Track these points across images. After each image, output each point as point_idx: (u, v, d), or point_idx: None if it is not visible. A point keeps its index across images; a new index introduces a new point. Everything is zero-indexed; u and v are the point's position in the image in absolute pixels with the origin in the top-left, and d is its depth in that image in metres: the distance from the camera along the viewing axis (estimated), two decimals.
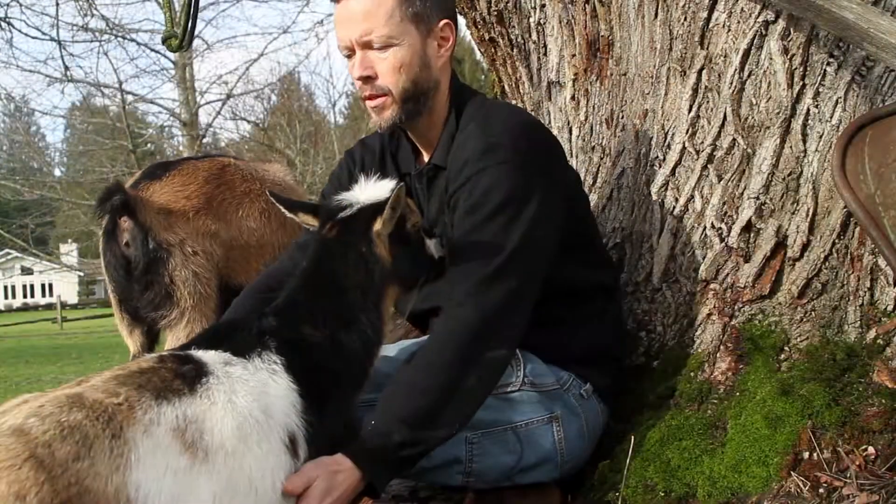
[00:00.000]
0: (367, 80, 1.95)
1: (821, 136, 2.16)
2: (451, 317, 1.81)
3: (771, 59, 2.19)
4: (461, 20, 3.04)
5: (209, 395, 1.39)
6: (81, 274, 31.36)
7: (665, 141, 2.38)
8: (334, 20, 2.00)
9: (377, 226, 1.70)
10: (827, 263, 2.14)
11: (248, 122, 18.61)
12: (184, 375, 1.40)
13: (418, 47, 1.95)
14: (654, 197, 2.39)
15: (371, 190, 1.77)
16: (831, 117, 2.16)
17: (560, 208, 1.97)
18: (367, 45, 1.94)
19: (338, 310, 1.66)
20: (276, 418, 1.46)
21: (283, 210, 1.86)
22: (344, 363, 1.64)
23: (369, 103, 1.99)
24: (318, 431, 1.54)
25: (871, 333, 2.08)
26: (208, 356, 1.48)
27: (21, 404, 1.27)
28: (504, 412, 1.99)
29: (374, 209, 1.71)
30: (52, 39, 13.98)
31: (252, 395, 1.44)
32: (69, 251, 26.75)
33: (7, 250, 34.01)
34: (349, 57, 1.99)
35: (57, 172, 25.92)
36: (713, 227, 2.25)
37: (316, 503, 1.54)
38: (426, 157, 2.12)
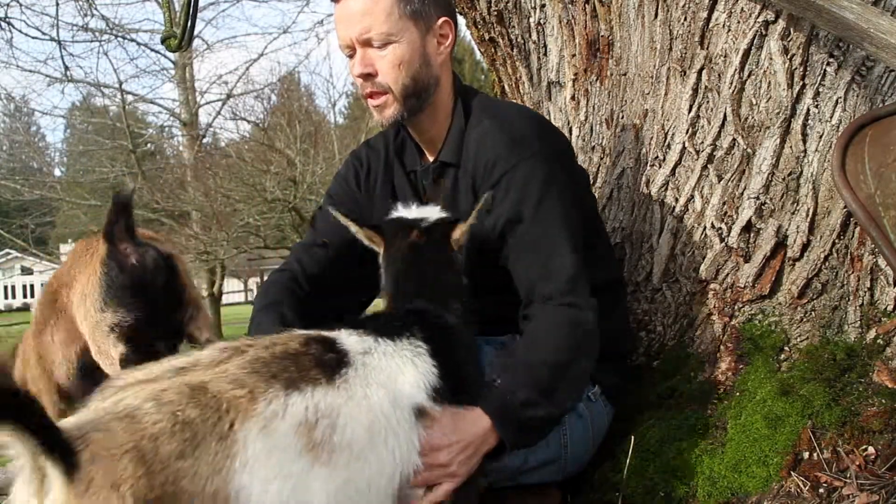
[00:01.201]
0: (368, 77, 1.97)
1: (821, 136, 2.16)
2: (554, 311, 1.86)
3: (771, 59, 2.19)
4: (461, 20, 3.04)
5: (347, 388, 1.35)
6: None
7: (665, 141, 2.38)
8: (334, 19, 2.02)
9: (456, 234, 1.81)
10: (827, 263, 2.14)
11: (248, 122, 18.59)
12: (324, 364, 1.36)
13: (418, 44, 1.97)
14: (654, 197, 2.40)
15: (424, 211, 1.88)
16: (831, 117, 2.16)
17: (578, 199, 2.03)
18: (366, 43, 1.95)
19: (446, 303, 1.75)
20: (405, 405, 1.45)
21: (350, 225, 1.87)
22: (472, 348, 1.77)
23: (371, 101, 2.01)
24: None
25: (871, 333, 2.08)
26: (351, 342, 1.47)
27: (146, 382, 1.24)
28: None
29: (450, 221, 1.83)
30: (52, 39, 13.97)
31: (385, 388, 1.41)
32: (69, 251, 26.74)
33: (7, 250, 33.98)
34: (350, 56, 2.00)
35: (57, 172, 25.90)
36: (713, 227, 2.25)
37: (448, 457, 1.60)
38: (430, 156, 2.14)
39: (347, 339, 1.47)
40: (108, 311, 2.44)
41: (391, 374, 1.46)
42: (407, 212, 1.88)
